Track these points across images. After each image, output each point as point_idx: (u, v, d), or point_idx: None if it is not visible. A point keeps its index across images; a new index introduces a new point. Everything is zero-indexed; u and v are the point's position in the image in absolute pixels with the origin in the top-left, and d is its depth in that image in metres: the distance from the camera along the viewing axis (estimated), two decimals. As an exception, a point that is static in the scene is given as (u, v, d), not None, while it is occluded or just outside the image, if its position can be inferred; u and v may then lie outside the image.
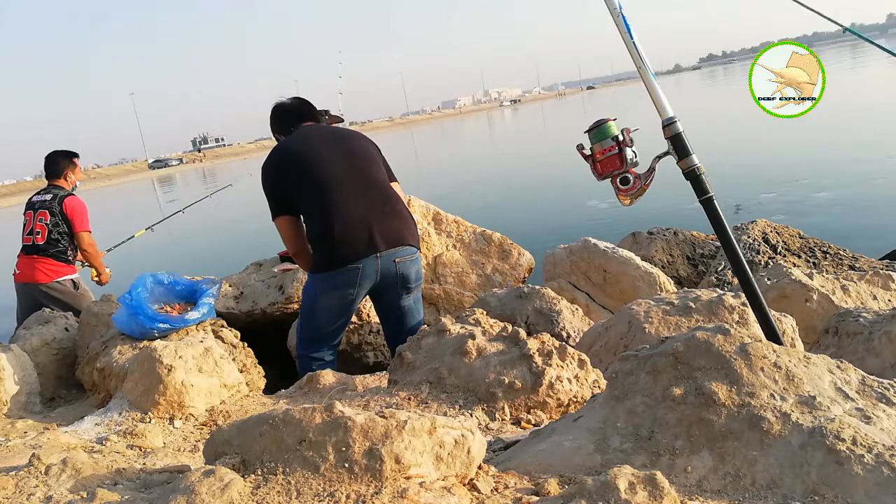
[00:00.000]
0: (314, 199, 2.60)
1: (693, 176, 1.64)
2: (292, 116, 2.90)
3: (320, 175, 2.60)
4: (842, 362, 1.39)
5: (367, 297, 2.78)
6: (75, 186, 4.27)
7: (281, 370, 3.43)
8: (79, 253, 4.21)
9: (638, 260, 3.72)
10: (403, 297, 2.75)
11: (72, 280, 4.15)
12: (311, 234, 2.66)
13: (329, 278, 2.61)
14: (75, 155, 4.30)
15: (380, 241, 2.58)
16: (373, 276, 2.61)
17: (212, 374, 2.35)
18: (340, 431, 1.16)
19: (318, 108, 3.06)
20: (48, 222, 4.06)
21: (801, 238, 4.42)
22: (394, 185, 2.81)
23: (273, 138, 2.99)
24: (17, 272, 4.13)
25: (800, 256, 4.20)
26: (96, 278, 4.35)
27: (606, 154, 1.71)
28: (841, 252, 4.21)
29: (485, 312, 2.23)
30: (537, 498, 1.19)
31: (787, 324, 2.24)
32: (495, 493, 1.24)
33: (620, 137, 1.70)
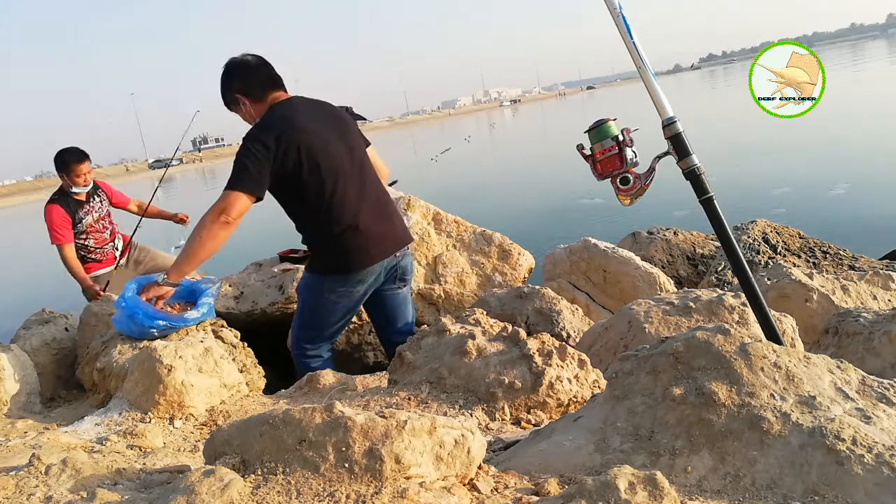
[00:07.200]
0: (323, 198, 2.46)
1: (693, 176, 1.64)
2: (265, 78, 2.52)
3: (333, 172, 2.46)
4: (842, 362, 1.39)
5: None
6: (70, 188, 4.09)
7: (281, 370, 3.43)
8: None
9: (638, 260, 3.72)
10: (400, 289, 2.76)
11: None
12: (319, 231, 2.54)
13: (340, 281, 2.57)
14: (71, 158, 4.11)
15: (390, 247, 2.58)
16: (379, 276, 2.62)
17: (212, 374, 2.35)
18: (340, 431, 1.16)
19: (340, 105, 2.80)
20: None
21: (801, 238, 4.43)
22: (369, 150, 2.73)
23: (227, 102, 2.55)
24: None
25: (800, 256, 4.21)
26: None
27: (606, 154, 1.71)
28: (841, 252, 4.21)
29: (485, 312, 2.23)
30: (537, 498, 1.19)
31: (787, 324, 2.24)
32: (495, 493, 1.24)
33: (620, 137, 1.69)
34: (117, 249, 4.37)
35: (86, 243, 4.16)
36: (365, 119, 3.83)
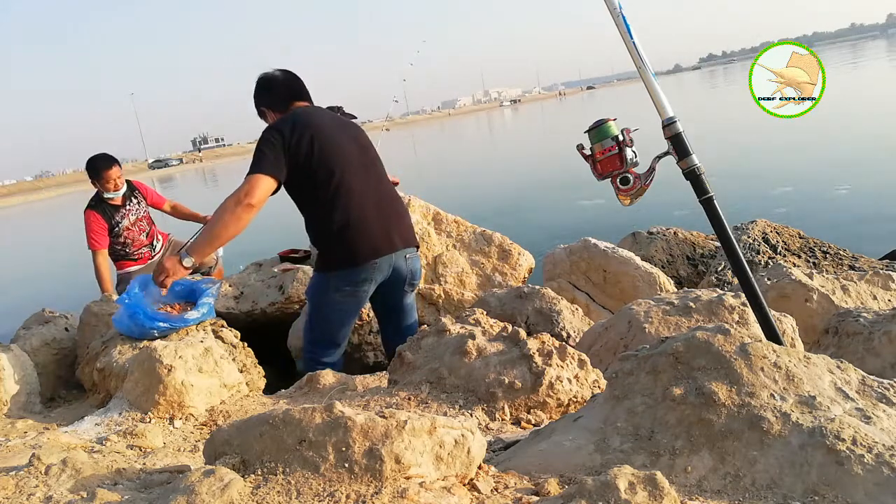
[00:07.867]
0: (330, 187, 2.52)
1: (693, 176, 1.64)
2: (291, 92, 2.71)
3: (342, 164, 2.54)
4: (842, 362, 1.39)
5: None
6: (103, 193, 4.12)
7: (281, 370, 3.43)
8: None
9: (638, 260, 3.72)
10: (408, 294, 2.79)
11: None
12: (326, 224, 2.56)
13: (346, 276, 2.57)
14: (100, 165, 4.12)
15: (397, 240, 2.62)
16: (385, 273, 2.62)
17: (212, 374, 2.35)
18: (340, 431, 1.16)
19: (330, 105, 2.93)
20: None
21: (801, 238, 4.42)
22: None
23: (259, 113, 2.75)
24: None
25: (800, 256, 4.21)
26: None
27: (606, 154, 1.71)
28: (841, 252, 4.21)
29: (485, 312, 2.23)
30: (537, 498, 1.19)
31: (787, 324, 2.24)
32: (495, 493, 1.24)
33: (620, 137, 1.69)
34: (154, 250, 4.39)
35: (123, 246, 4.21)
36: (356, 118, 3.94)
